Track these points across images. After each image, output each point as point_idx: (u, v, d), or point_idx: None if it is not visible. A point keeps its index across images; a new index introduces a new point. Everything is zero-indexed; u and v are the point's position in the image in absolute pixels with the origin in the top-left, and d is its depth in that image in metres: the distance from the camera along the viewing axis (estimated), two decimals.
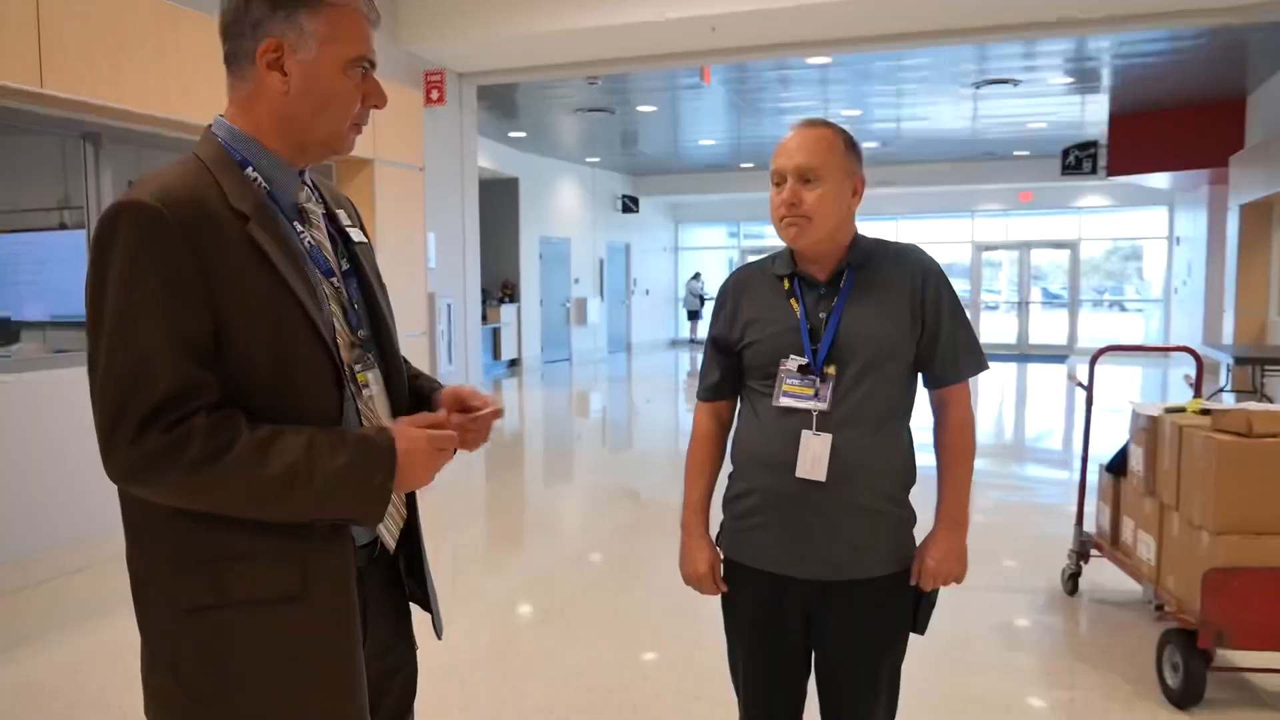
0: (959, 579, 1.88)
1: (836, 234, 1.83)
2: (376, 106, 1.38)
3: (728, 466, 1.97)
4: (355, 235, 1.46)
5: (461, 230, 7.94)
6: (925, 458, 1.93)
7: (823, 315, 1.82)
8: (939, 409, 1.93)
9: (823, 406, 1.77)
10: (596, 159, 15.77)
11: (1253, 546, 2.95)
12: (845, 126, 1.86)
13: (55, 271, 6.36)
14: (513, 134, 12.86)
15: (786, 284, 1.86)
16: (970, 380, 1.93)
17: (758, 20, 6.34)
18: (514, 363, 14.41)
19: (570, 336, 16.07)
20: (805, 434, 1.77)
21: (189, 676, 1.25)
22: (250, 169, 1.31)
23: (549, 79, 8.54)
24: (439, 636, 1.54)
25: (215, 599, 1.23)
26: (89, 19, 4.34)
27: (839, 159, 1.79)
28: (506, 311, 14.03)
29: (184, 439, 1.16)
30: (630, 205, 17.74)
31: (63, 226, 6.70)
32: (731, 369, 1.93)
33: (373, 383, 1.39)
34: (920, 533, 1.93)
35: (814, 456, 1.76)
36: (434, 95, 7.34)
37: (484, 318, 12.88)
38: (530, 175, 14.47)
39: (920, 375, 1.90)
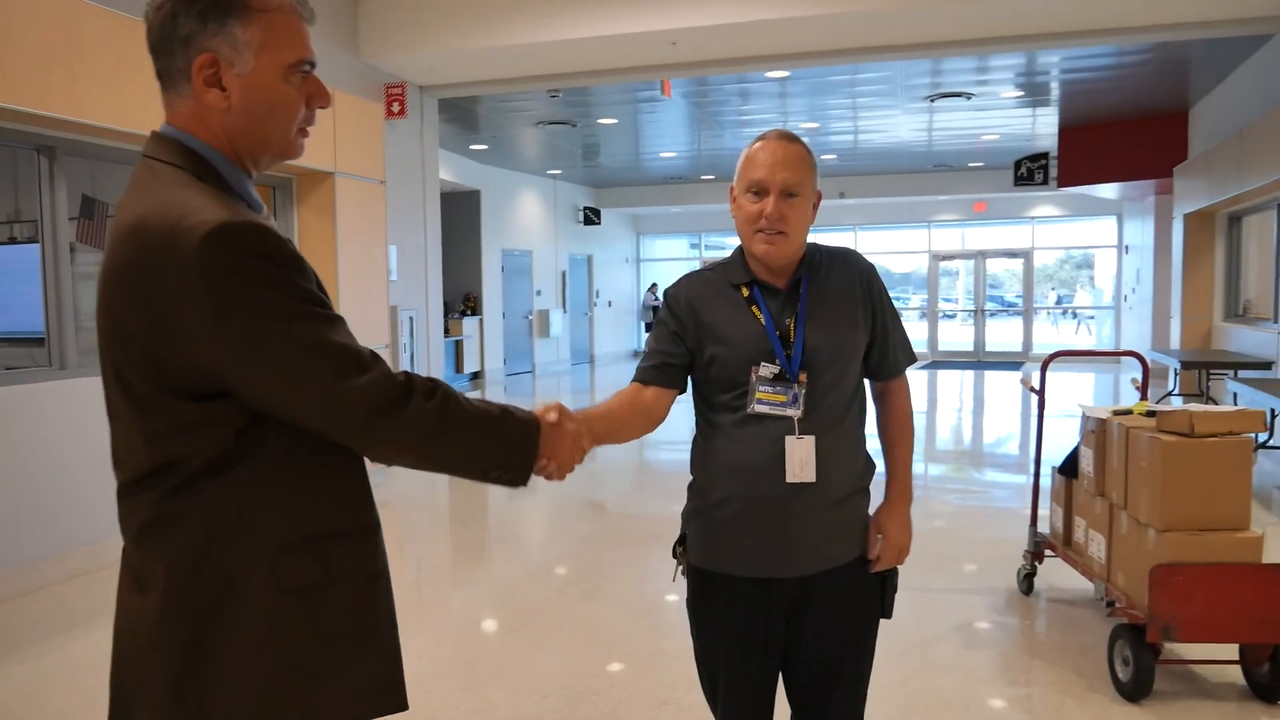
0: (908, 550, 1.96)
1: (800, 246, 1.89)
2: (321, 107, 1.34)
3: (685, 478, 1.97)
4: None
5: (423, 243, 7.92)
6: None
7: (788, 322, 1.85)
8: (883, 398, 2.02)
9: (798, 413, 1.81)
10: (558, 171, 15.80)
11: (1196, 542, 3.05)
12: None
13: (6, 286, 6.25)
14: (474, 147, 12.86)
15: (745, 292, 1.89)
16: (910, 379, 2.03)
17: (717, 35, 6.43)
18: (476, 375, 14.36)
19: (533, 348, 16.05)
20: (790, 439, 1.80)
21: (299, 656, 1.25)
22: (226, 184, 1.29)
23: (510, 92, 8.57)
24: None
25: (322, 575, 1.27)
26: (45, 32, 4.29)
27: (813, 176, 1.87)
28: (469, 324, 13.99)
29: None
30: (592, 217, 17.79)
31: (13, 241, 6.58)
32: (678, 361, 1.92)
33: None
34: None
35: (801, 460, 1.80)
36: (395, 108, 7.34)
37: (446, 330, 12.80)
38: (492, 188, 14.47)
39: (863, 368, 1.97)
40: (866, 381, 1.99)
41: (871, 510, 1.97)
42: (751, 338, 1.84)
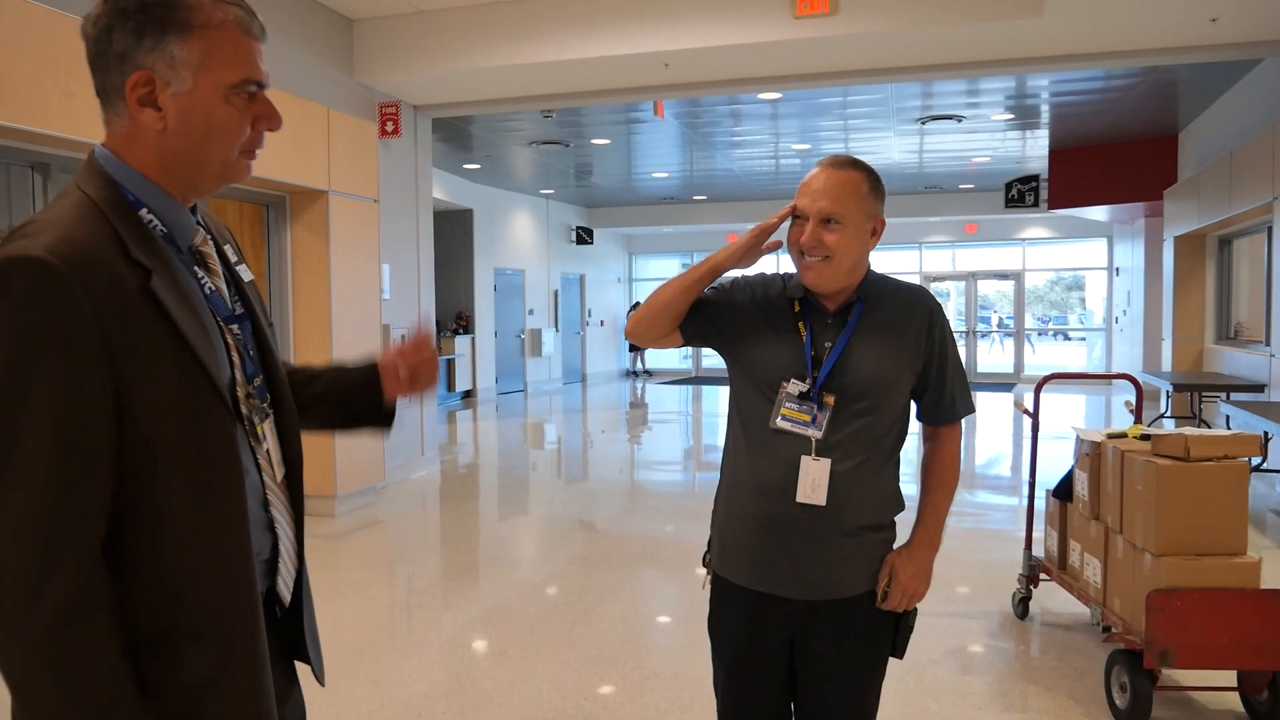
0: (921, 597, 1.93)
1: (851, 273, 1.88)
2: (269, 129, 1.25)
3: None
4: (244, 274, 1.37)
5: (416, 262, 7.91)
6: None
7: (827, 344, 1.86)
8: (932, 441, 2.00)
9: (818, 434, 1.81)
10: (551, 191, 15.84)
11: (1193, 568, 3.04)
12: (871, 164, 1.89)
13: None
14: (467, 166, 12.88)
15: (797, 306, 1.90)
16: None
17: (709, 57, 6.46)
18: (468, 394, 14.32)
19: (525, 368, 16.02)
20: (805, 459, 1.80)
21: None
22: (145, 210, 1.20)
23: (504, 112, 8.58)
24: (321, 684, 1.46)
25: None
26: (41, 49, 4.28)
27: (861, 203, 1.83)
28: (461, 343, 13.96)
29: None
30: (584, 237, 17.83)
31: None
32: (703, 313, 1.94)
33: (268, 433, 1.31)
34: None
35: (814, 482, 1.79)
36: (389, 127, 7.34)
37: (438, 349, 12.78)
38: (485, 207, 14.48)
39: (915, 408, 1.96)
40: (918, 422, 1.98)
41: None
42: (789, 350, 1.86)
